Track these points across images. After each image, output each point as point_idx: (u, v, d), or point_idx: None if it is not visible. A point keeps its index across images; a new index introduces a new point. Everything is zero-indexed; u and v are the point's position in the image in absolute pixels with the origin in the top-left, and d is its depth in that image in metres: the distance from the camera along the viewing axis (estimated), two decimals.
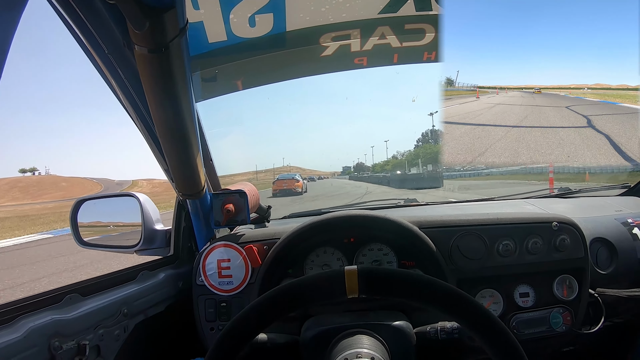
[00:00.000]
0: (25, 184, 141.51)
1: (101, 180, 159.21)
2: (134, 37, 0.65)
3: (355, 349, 0.78)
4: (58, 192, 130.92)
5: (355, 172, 22.47)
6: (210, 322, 1.10)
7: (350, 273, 0.61)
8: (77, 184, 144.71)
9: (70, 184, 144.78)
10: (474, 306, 0.60)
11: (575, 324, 1.14)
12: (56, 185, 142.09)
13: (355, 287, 0.61)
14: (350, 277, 0.61)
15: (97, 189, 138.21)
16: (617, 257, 1.25)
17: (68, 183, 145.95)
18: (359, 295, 0.62)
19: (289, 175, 14.22)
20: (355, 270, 0.61)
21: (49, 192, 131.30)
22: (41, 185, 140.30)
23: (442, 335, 0.89)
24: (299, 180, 13.49)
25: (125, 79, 0.87)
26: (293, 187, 12.77)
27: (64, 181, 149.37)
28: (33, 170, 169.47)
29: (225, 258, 1.11)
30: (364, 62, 1.30)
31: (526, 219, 1.16)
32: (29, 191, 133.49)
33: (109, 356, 0.88)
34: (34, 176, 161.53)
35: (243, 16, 1.05)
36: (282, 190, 12.86)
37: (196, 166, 0.97)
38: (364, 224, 1.10)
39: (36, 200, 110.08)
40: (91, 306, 0.85)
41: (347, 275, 0.61)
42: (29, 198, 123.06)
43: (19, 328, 0.69)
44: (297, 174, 14.85)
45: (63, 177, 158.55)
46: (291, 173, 20.40)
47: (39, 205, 64.35)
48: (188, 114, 0.83)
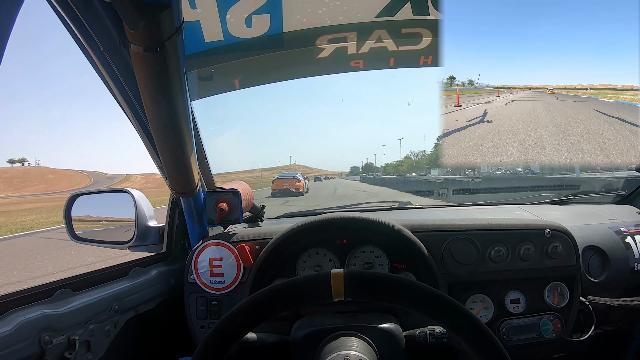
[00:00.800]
0: (11, 175, 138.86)
1: (92, 174, 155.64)
2: (130, 36, 0.65)
3: (345, 350, 0.78)
4: (42, 185, 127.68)
5: (364, 173, 21.62)
6: (201, 320, 1.10)
7: (336, 276, 0.61)
8: (65, 176, 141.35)
9: (58, 176, 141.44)
10: (460, 312, 0.60)
11: (565, 331, 1.14)
12: (42, 178, 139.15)
13: (341, 290, 0.61)
14: (336, 280, 0.61)
15: (85, 182, 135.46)
16: (609, 265, 1.26)
17: (55, 175, 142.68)
18: (344, 299, 0.62)
19: (289, 174, 13.54)
20: (342, 273, 0.62)
21: (33, 185, 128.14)
22: (27, 177, 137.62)
23: (431, 339, 0.90)
24: (300, 180, 12.78)
25: (121, 76, 0.87)
26: (293, 186, 11.63)
27: (51, 173, 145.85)
28: (22, 161, 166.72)
29: (218, 256, 1.11)
30: (360, 65, 1.30)
31: (519, 225, 1.17)
32: (12, 183, 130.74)
33: (99, 352, 0.88)
34: (21, 167, 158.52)
35: (240, 16, 1.05)
36: (283, 190, 11.73)
37: (190, 164, 0.98)
38: (357, 226, 1.11)
39: (17, 193, 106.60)
40: (82, 301, 0.85)
41: (334, 278, 0.61)
42: (10, 190, 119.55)
43: (9, 322, 0.69)
44: (298, 173, 14.15)
45: (51, 169, 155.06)
46: (292, 172, 19.31)
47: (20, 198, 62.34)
48: (183, 113, 0.83)
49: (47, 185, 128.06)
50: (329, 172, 40.36)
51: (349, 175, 23.67)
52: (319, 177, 23.45)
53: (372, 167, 24.36)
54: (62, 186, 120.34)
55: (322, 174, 30.61)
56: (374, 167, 24.27)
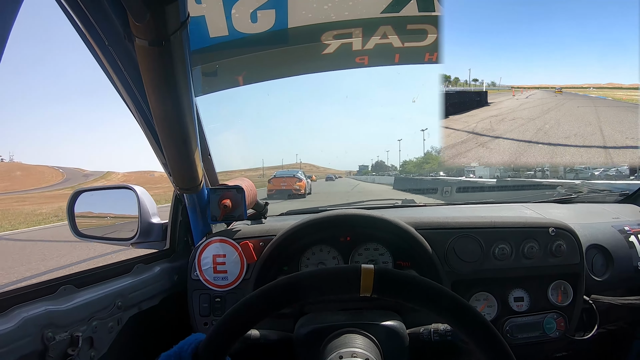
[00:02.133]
0: None
1: (68, 170, 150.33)
2: (135, 30, 0.65)
3: (349, 348, 0.78)
4: (3, 184, 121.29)
5: (374, 172, 20.29)
6: (204, 317, 1.10)
7: (366, 271, 0.60)
8: (37, 173, 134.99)
9: (27, 173, 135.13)
10: (482, 323, 0.59)
11: (568, 329, 1.14)
12: (8, 175, 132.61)
13: (369, 286, 0.60)
14: (366, 276, 0.60)
15: (57, 179, 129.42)
16: (613, 264, 1.25)
17: (25, 172, 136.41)
18: (371, 295, 0.61)
19: (288, 172, 12.46)
20: (372, 269, 0.60)
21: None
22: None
23: (435, 337, 0.89)
24: (302, 179, 11.46)
25: (125, 71, 0.87)
26: (293, 187, 10.86)
27: (21, 169, 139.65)
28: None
29: (221, 253, 1.11)
30: (365, 61, 1.30)
31: (523, 223, 1.16)
32: None
33: (102, 348, 0.88)
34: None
35: (245, 12, 1.05)
36: (280, 191, 10.73)
37: (194, 160, 0.97)
38: (361, 224, 1.11)
39: None
40: (85, 298, 0.85)
41: (364, 273, 0.60)
42: None
43: (12, 318, 0.69)
44: (299, 171, 13.09)
45: (23, 165, 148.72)
46: (292, 170, 17.60)
47: None
48: (187, 108, 0.83)
49: (10, 183, 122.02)
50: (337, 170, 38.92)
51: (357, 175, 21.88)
52: (331, 176, 21.73)
53: (383, 166, 22.55)
54: (29, 184, 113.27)
55: (329, 173, 29.26)
56: (384, 165, 22.45)
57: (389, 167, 20.70)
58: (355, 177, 18.97)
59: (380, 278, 0.60)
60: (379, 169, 21.93)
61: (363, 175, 19.73)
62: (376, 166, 22.69)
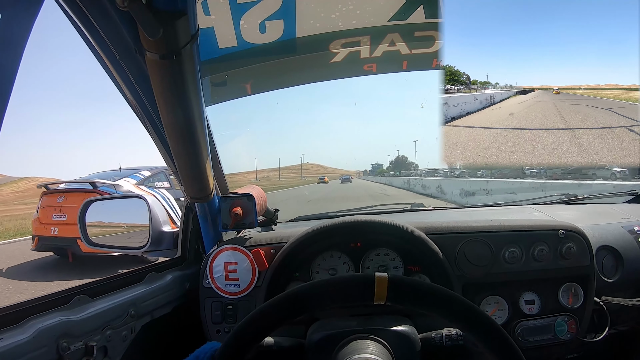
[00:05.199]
0: None
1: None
2: (146, 44, 0.66)
3: (361, 354, 0.78)
4: None
5: (392, 172, 16.46)
6: (216, 324, 1.11)
7: (380, 280, 0.61)
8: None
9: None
10: (495, 329, 0.60)
11: (580, 332, 1.13)
12: None
13: (384, 294, 0.61)
14: (381, 284, 0.61)
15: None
16: (623, 265, 1.25)
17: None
18: (385, 303, 0.62)
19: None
20: (386, 277, 0.61)
21: None
22: None
23: (447, 341, 0.89)
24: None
25: (136, 83, 0.88)
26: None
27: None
28: None
29: (233, 261, 1.12)
30: (373, 69, 1.31)
31: (533, 226, 1.16)
32: None
33: (116, 357, 0.88)
34: None
35: (253, 22, 1.06)
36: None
37: (205, 170, 0.98)
38: (372, 229, 1.11)
39: None
40: (99, 307, 0.85)
41: (377, 281, 0.61)
42: None
43: (27, 329, 0.69)
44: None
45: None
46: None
47: None
48: (198, 119, 0.83)
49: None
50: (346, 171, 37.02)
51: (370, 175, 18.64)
52: (348, 177, 19.15)
53: (405, 163, 17.12)
54: None
55: (339, 173, 26.98)
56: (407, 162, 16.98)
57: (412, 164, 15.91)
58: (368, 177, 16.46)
59: (394, 286, 0.61)
60: (400, 166, 17.26)
61: (377, 176, 16.79)
62: (396, 163, 17.67)
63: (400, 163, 18.49)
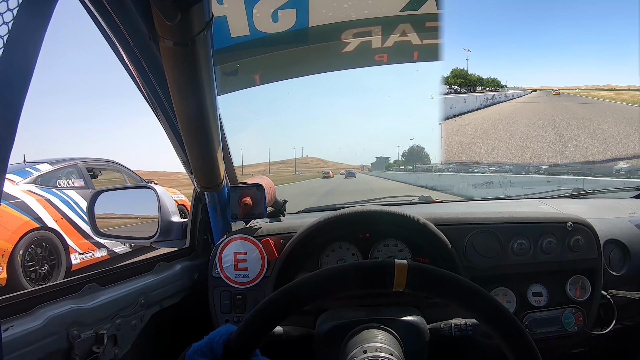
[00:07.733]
0: None
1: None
2: (161, 30, 0.66)
3: (370, 343, 0.78)
4: None
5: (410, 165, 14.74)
6: (225, 314, 1.11)
7: (400, 266, 0.61)
8: None
9: None
10: (513, 322, 0.60)
11: (587, 324, 1.14)
12: None
13: (403, 281, 0.60)
14: (400, 271, 0.61)
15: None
16: (630, 259, 1.25)
17: None
18: (403, 290, 0.62)
19: None
20: (406, 264, 0.61)
21: None
22: None
23: (455, 331, 0.90)
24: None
25: (149, 71, 0.87)
26: None
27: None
28: None
29: (242, 251, 1.12)
30: (384, 59, 1.30)
31: (541, 218, 1.16)
32: None
33: (126, 346, 0.89)
34: None
35: (266, 11, 1.05)
36: None
37: (216, 159, 0.98)
38: (381, 220, 1.11)
39: None
40: (109, 296, 0.86)
41: (397, 268, 0.61)
42: None
43: (38, 317, 0.70)
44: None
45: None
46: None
47: None
48: (211, 108, 0.83)
49: None
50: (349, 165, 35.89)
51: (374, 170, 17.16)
52: (352, 171, 18.98)
53: (421, 155, 14.93)
54: None
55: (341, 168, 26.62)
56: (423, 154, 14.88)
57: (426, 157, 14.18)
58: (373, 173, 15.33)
59: (414, 273, 0.61)
60: (415, 158, 15.24)
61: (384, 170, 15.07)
62: (409, 155, 15.66)
63: (415, 154, 15.90)
